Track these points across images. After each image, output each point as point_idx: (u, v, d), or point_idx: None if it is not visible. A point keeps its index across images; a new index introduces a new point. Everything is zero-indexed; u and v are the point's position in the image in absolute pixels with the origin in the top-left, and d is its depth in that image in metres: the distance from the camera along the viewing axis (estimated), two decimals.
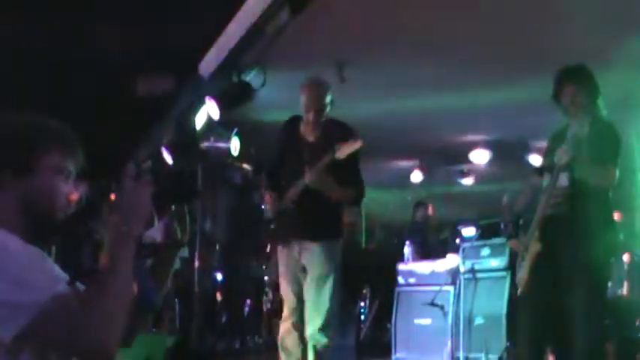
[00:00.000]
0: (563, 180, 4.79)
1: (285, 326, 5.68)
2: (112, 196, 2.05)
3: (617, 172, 4.70)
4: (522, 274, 4.91)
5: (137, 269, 2.04)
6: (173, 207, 2.40)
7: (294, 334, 5.63)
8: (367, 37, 7.14)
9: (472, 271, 8.47)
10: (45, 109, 2.22)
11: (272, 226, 5.75)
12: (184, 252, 8.94)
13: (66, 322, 1.87)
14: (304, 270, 5.58)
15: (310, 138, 5.68)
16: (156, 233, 2.33)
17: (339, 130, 5.58)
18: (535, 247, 4.84)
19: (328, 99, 5.66)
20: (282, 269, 5.73)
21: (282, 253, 5.73)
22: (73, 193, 2.12)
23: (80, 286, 2.01)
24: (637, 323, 7.00)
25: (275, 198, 5.68)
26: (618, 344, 6.80)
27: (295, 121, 5.80)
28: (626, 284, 7.38)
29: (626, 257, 7.48)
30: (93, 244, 2.12)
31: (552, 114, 5.16)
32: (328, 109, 5.66)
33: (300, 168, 5.50)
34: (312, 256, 5.53)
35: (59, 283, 1.93)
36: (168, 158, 9.24)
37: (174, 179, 2.25)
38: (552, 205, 4.80)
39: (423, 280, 9.32)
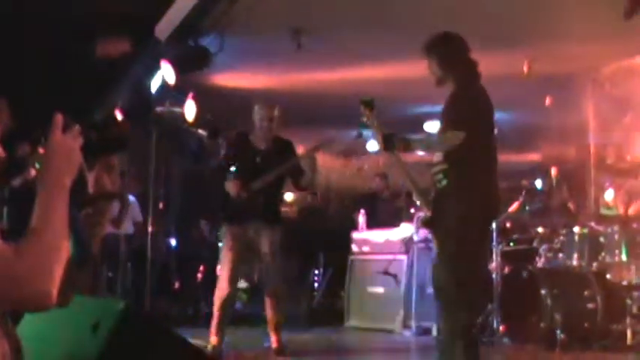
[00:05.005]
0: (439, 155, 4.84)
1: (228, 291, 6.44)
2: (41, 149, 2.04)
3: (461, 134, 4.64)
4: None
5: (71, 220, 2.04)
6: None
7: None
8: (324, 5, 7.12)
9: (426, 240, 8.54)
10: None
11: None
12: (138, 216, 8.88)
13: (1, 273, 1.86)
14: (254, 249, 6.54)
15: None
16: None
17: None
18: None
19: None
20: (231, 244, 6.49)
21: (234, 230, 6.51)
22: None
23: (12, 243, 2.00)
24: (585, 294, 7.10)
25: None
26: (566, 315, 6.90)
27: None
28: (575, 255, 7.47)
29: (577, 229, 7.56)
30: None
31: (507, 85, 5.19)
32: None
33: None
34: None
35: None
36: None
37: (101, 129, 2.23)
38: (436, 181, 4.87)
39: (377, 248, 9.39)
